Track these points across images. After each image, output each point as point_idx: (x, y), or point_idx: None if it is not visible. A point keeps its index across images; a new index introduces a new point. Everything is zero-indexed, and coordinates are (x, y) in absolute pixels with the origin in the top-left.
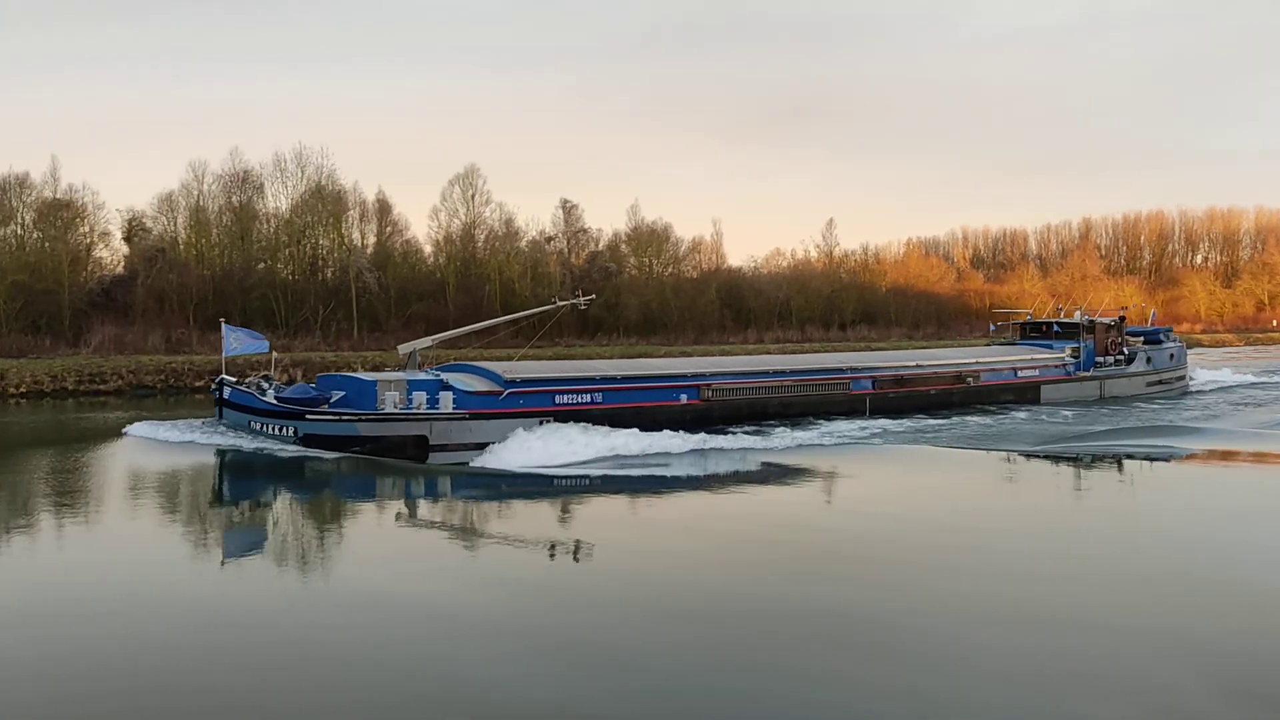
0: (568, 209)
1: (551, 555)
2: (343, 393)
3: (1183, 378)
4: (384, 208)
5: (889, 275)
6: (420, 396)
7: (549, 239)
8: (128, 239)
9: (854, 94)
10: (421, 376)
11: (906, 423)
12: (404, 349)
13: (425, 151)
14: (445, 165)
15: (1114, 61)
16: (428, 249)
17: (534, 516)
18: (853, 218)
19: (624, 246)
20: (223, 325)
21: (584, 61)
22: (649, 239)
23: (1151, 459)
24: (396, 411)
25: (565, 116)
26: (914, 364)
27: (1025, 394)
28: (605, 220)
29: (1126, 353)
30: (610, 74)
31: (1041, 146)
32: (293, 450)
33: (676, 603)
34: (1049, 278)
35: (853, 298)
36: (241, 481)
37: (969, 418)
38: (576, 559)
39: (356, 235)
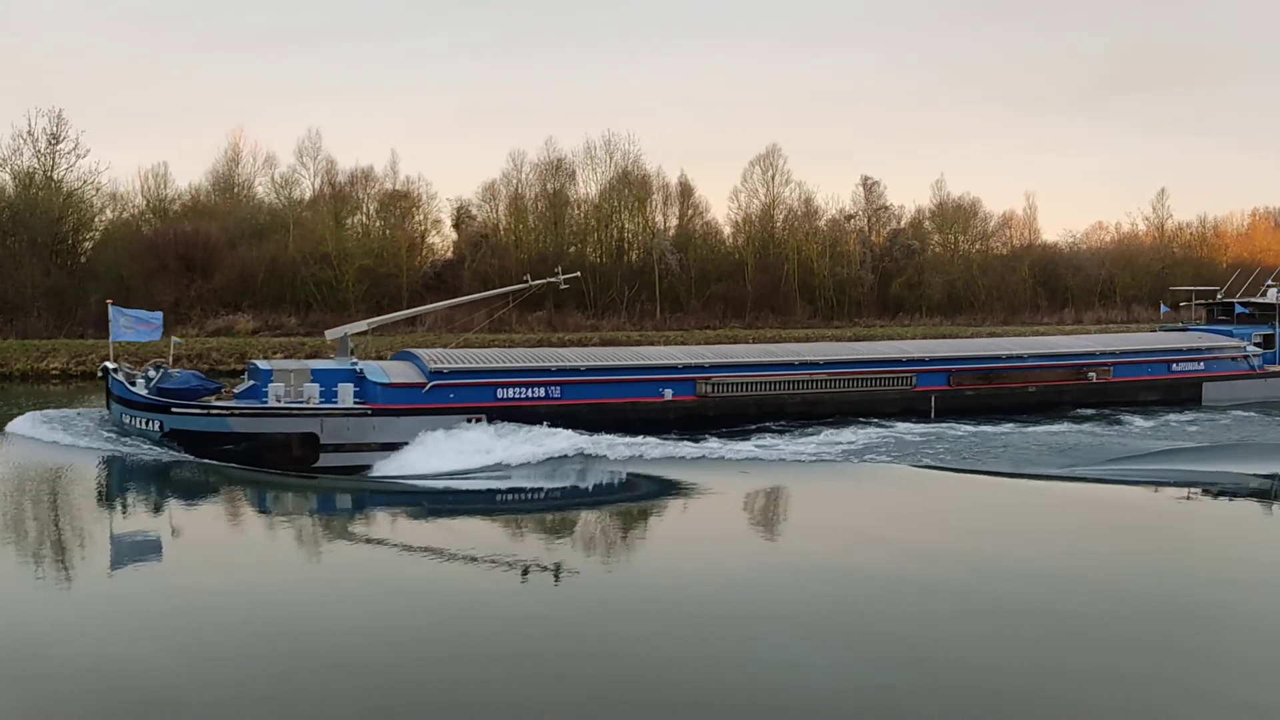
0: (868, 186)
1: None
2: (253, 382)
3: None
4: (686, 190)
5: (1230, 249)
6: (313, 388)
7: (849, 217)
8: (456, 226)
9: (1184, 58)
10: (332, 365)
11: (967, 428)
12: (332, 334)
13: (726, 133)
14: (745, 146)
15: None
16: (727, 230)
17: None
18: (1188, 186)
19: (927, 223)
20: (109, 307)
21: (887, 36)
22: (954, 214)
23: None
24: (278, 406)
25: (867, 92)
26: (1010, 353)
27: (1179, 393)
28: (908, 197)
29: None
30: (914, 48)
31: None
32: (152, 452)
33: None
34: None
35: (1187, 274)
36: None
37: (1063, 425)
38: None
39: (659, 218)
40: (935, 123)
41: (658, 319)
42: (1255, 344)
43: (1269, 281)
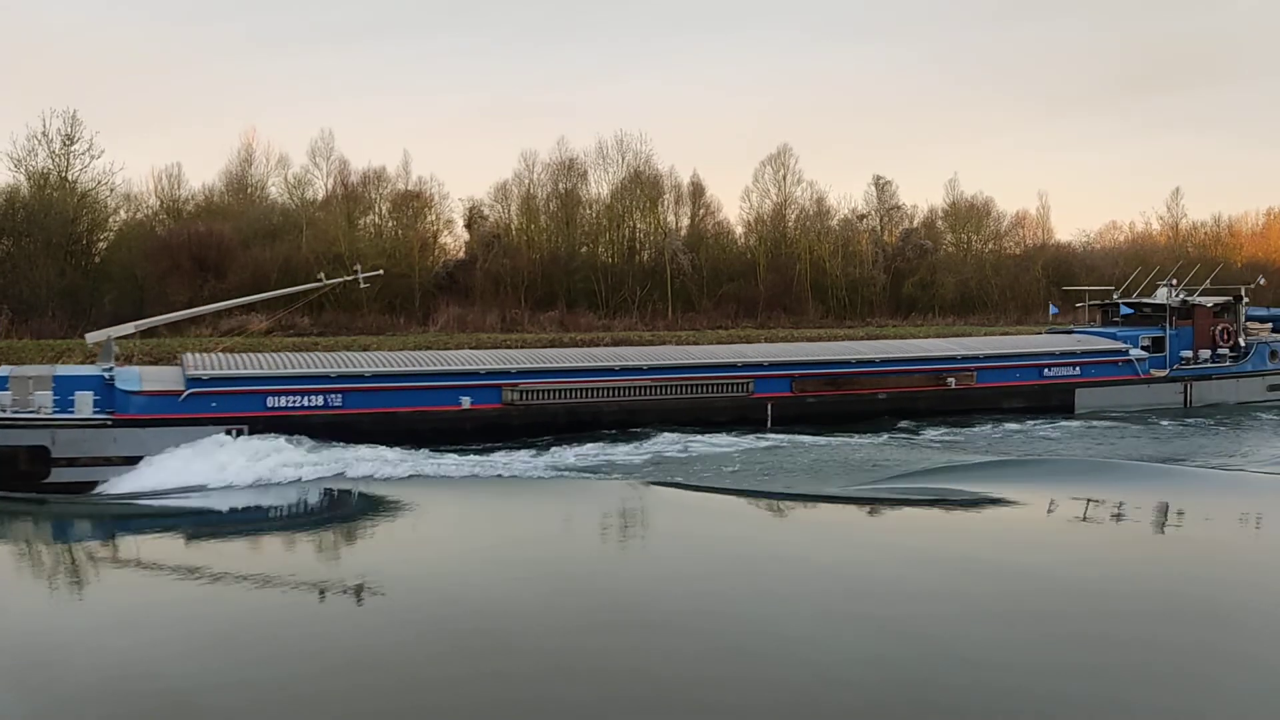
0: (880, 186)
1: None
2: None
3: None
4: (697, 190)
5: (1245, 249)
6: (45, 396)
7: (861, 217)
8: (468, 226)
9: (1199, 55)
10: (81, 371)
11: (777, 439)
12: (93, 338)
13: (739, 133)
14: (758, 146)
15: None
16: (739, 230)
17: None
18: (1203, 186)
19: (940, 222)
20: None
21: (900, 35)
22: (967, 214)
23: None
24: (3, 416)
25: (879, 91)
26: (860, 357)
27: (1049, 399)
28: (920, 196)
29: (1244, 345)
30: (927, 46)
31: None
32: None
33: None
34: None
35: (1201, 274)
36: None
37: (882, 436)
38: None
39: (671, 218)
40: (948, 122)
41: (669, 319)
42: (1144, 347)
43: (1165, 281)
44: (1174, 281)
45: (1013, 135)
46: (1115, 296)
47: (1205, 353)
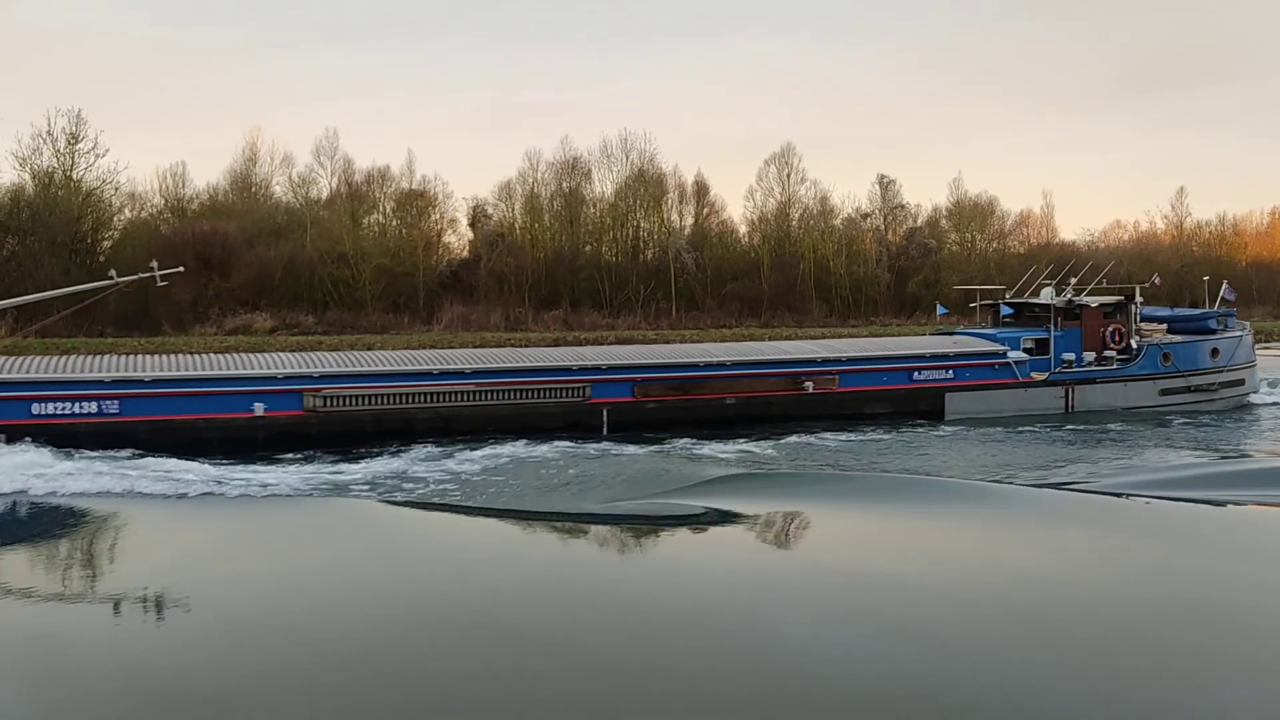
0: (884, 184)
1: None
2: None
3: (1239, 384)
4: (701, 189)
5: (1249, 248)
6: None
7: (865, 216)
8: (472, 225)
9: (1204, 55)
10: None
11: (565, 447)
12: None
13: (742, 131)
14: (762, 145)
15: None
16: (743, 229)
17: None
18: (1207, 185)
19: (944, 221)
20: None
21: (903, 33)
22: (971, 213)
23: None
24: None
25: (883, 90)
26: (710, 360)
27: (917, 404)
28: (924, 195)
29: (1135, 347)
30: (929, 45)
31: None
32: None
33: None
34: None
35: (1206, 273)
36: None
37: (681, 443)
38: None
39: (675, 217)
40: (952, 121)
41: (673, 318)
42: (1026, 349)
43: (1047, 284)
44: (1073, 280)
45: (1016, 134)
46: (1008, 295)
47: (1090, 355)
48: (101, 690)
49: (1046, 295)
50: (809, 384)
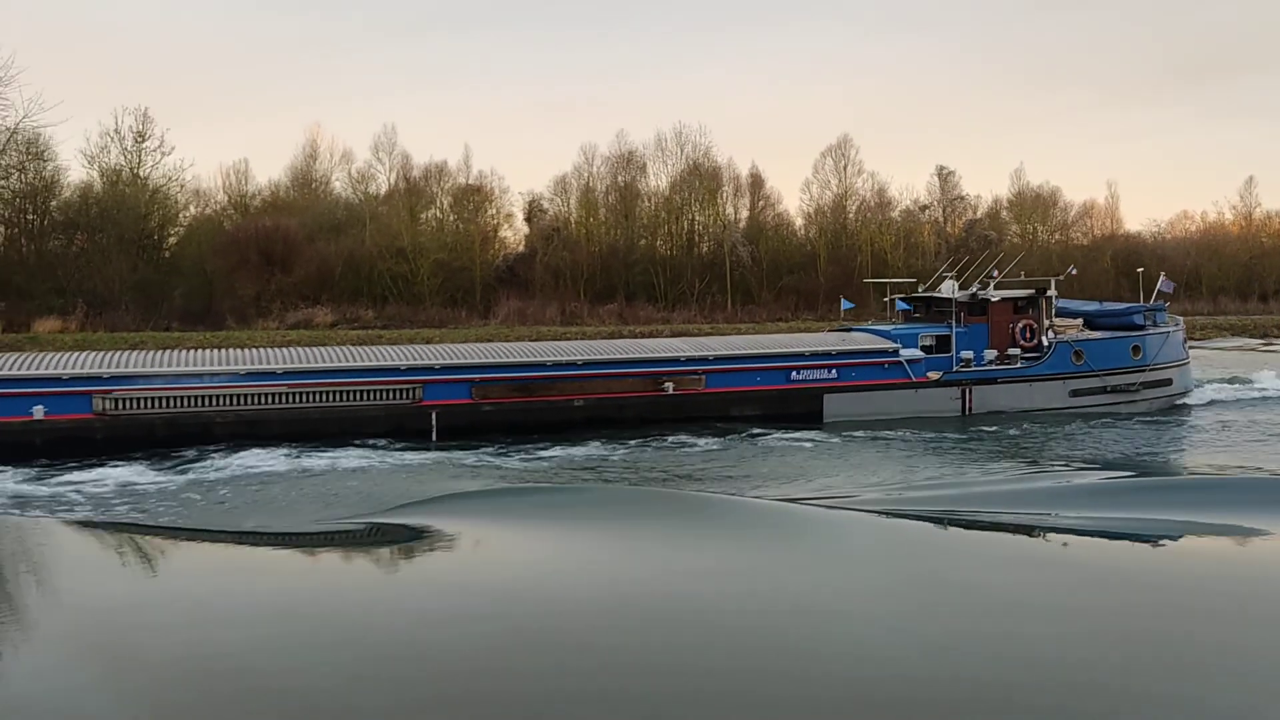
0: (943, 176)
1: None
2: None
3: (1165, 384)
4: (756, 182)
5: None
6: None
7: (923, 208)
8: (528, 219)
9: (1266, 40)
10: None
11: (467, 460)
12: None
13: (798, 123)
14: (818, 137)
15: None
16: (799, 222)
17: None
18: (1278, 174)
19: (1005, 213)
20: None
21: (960, 24)
22: (1033, 204)
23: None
24: None
25: (941, 81)
26: (558, 359)
27: (791, 406)
28: (984, 186)
29: (1047, 344)
30: (989, 35)
31: None
32: None
33: None
34: None
35: (1276, 265)
36: None
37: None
38: None
39: (730, 210)
40: (1013, 111)
41: (729, 311)
42: (925, 346)
43: (948, 278)
44: (996, 273)
45: (1080, 124)
46: (921, 290)
47: (992, 353)
48: (168, 674)
49: (947, 289)
50: (669, 384)
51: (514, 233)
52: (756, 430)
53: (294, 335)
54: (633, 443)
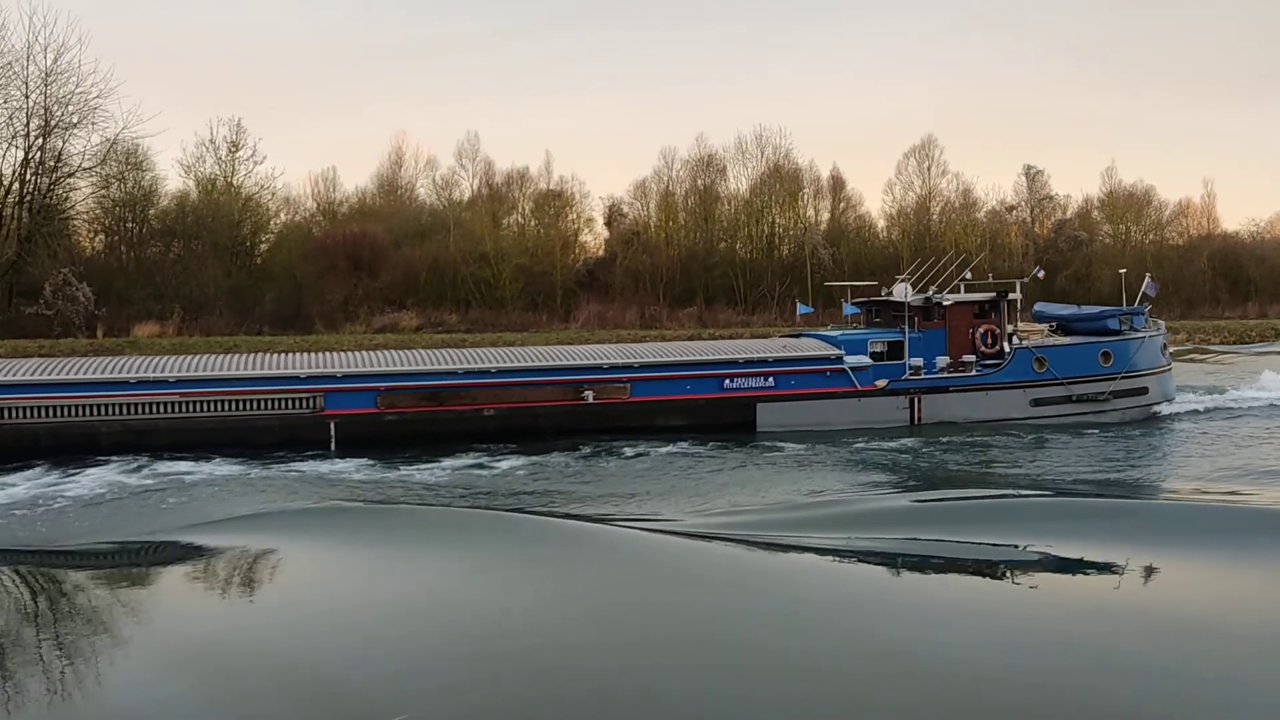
0: (1031, 175)
1: None
2: None
3: (1140, 392)
4: (837, 184)
5: None
6: None
7: (1010, 208)
8: (608, 224)
9: None
10: None
11: (369, 472)
12: None
13: (881, 124)
14: (900, 138)
15: None
16: (881, 223)
17: None
18: None
19: (1096, 213)
20: None
21: (1045, 22)
22: (1126, 203)
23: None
24: None
25: (1026, 80)
26: (470, 367)
27: (722, 416)
28: (1074, 186)
29: (1008, 350)
30: (1075, 33)
31: None
32: None
33: None
34: None
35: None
36: None
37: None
38: None
39: (811, 212)
40: (1102, 110)
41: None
42: (875, 353)
43: (900, 281)
44: (970, 275)
45: (1173, 123)
46: (886, 292)
47: (944, 360)
48: (255, 684)
49: (900, 292)
50: (589, 393)
51: (594, 237)
52: (679, 442)
53: (380, 339)
54: (533, 457)
